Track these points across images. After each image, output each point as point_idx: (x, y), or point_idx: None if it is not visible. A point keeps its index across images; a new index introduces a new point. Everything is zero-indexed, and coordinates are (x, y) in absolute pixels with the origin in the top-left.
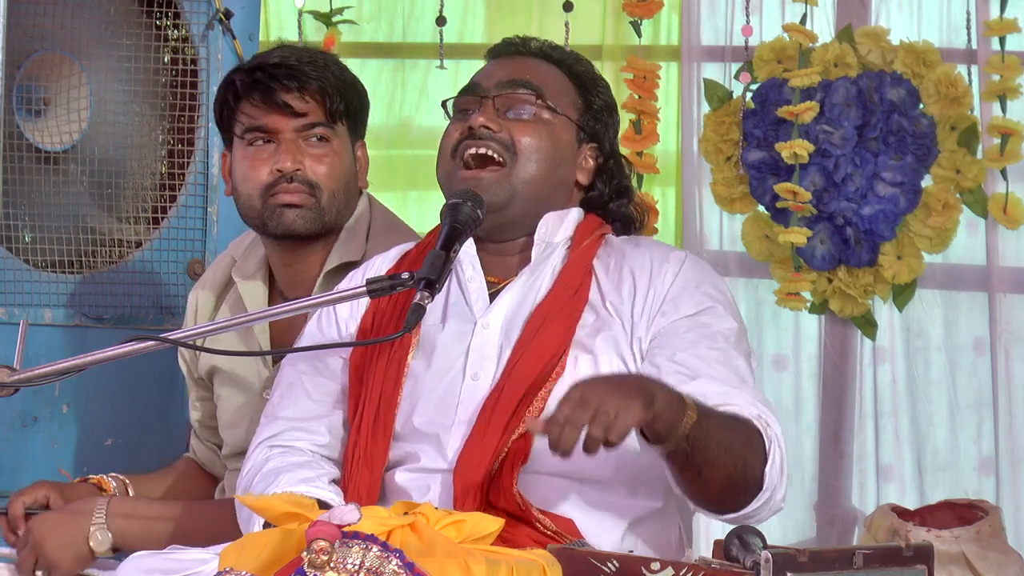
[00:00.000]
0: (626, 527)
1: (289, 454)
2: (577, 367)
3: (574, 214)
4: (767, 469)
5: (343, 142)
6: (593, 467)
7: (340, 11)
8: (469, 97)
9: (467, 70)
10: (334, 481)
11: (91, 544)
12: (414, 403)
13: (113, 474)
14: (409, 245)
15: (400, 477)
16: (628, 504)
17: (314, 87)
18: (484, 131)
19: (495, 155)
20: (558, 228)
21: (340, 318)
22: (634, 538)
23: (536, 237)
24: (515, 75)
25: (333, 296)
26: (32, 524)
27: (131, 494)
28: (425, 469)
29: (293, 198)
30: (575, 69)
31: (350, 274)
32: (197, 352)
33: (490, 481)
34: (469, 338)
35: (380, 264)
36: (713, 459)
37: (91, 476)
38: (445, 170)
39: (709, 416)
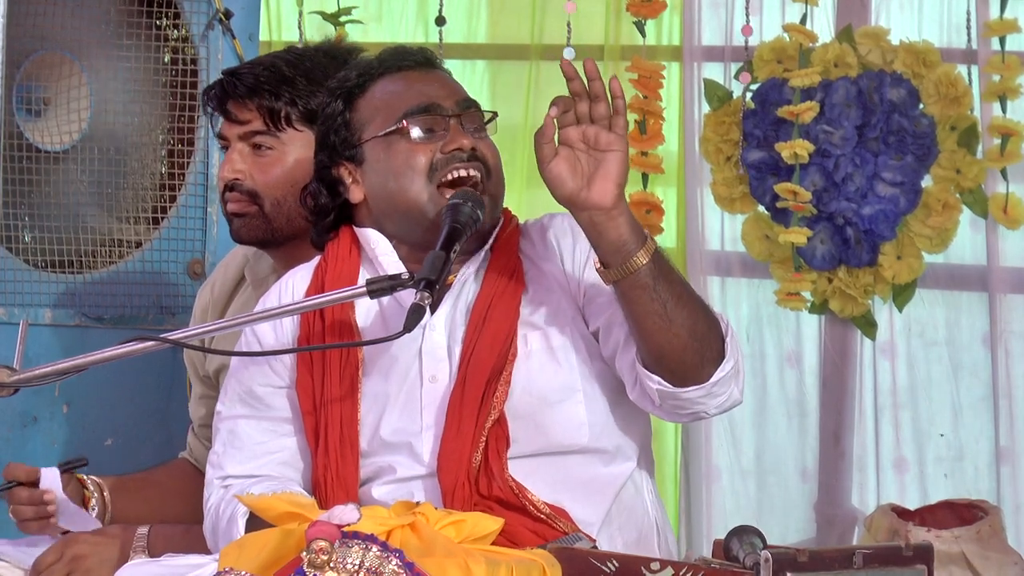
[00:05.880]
0: (611, 501)
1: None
2: (529, 345)
3: None
4: (727, 340)
5: (299, 147)
6: (569, 437)
7: (348, 11)
8: (436, 117)
9: (471, 71)
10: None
11: None
12: (377, 417)
13: (93, 477)
14: (312, 265)
15: (378, 491)
16: (608, 474)
17: (253, 95)
18: (472, 153)
19: (480, 175)
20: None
21: (266, 345)
22: (618, 510)
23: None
24: (461, 93)
25: (332, 297)
26: (68, 540)
27: (106, 497)
28: (403, 478)
29: (235, 207)
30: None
31: (262, 298)
32: None
33: (477, 473)
34: (419, 343)
35: (296, 285)
36: (678, 294)
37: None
38: (419, 192)
39: (663, 252)
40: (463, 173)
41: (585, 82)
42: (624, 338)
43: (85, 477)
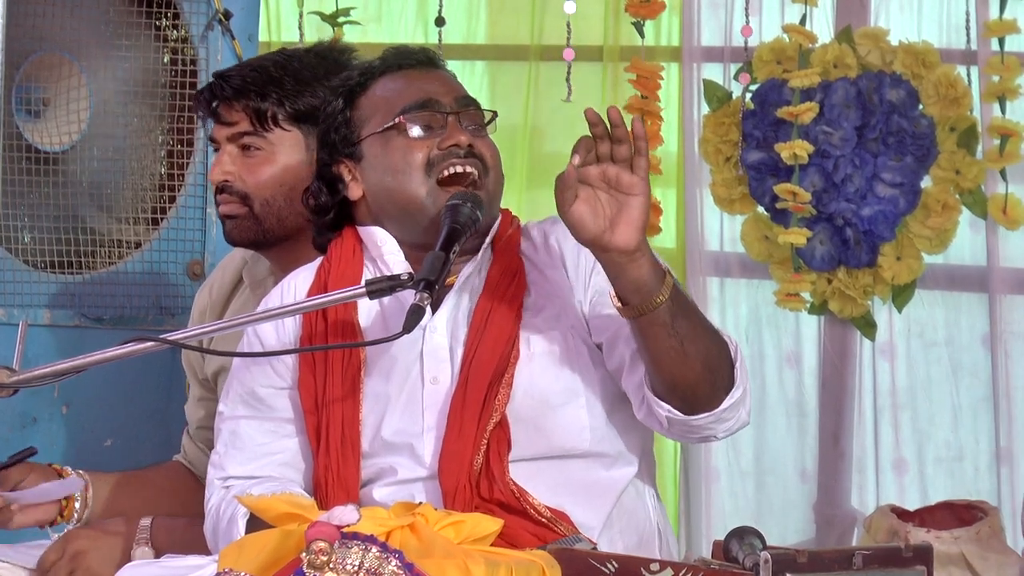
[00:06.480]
0: (613, 503)
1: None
2: (531, 347)
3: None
4: (737, 366)
5: (288, 147)
6: (571, 441)
7: (346, 12)
8: (434, 114)
9: (470, 71)
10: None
11: (134, 559)
12: (379, 417)
13: (79, 471)
14: (315, 266)
15: (379, 493)
16: (609, 478)
17: (240, 97)
18: (469, 148)
19: (477, 172)
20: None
21: (268, 346)
22: (619, 514)
23: (487, 240)
24: (460, 91)
25: (332, 297)
26: (68, 536)
27: (88, 496)
28: (404, 480)
29: (226, 209)
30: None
31: (264, 299)
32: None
33: (478, 476)
34: (420, 344)
35: (298, 285)
36: (694, 328)
37: (68, 465)
38: (417, 188)
39: (679, 286)
40: (460, 169)
41: (608, 126)
42: (630, 357)
43: (71, 472)
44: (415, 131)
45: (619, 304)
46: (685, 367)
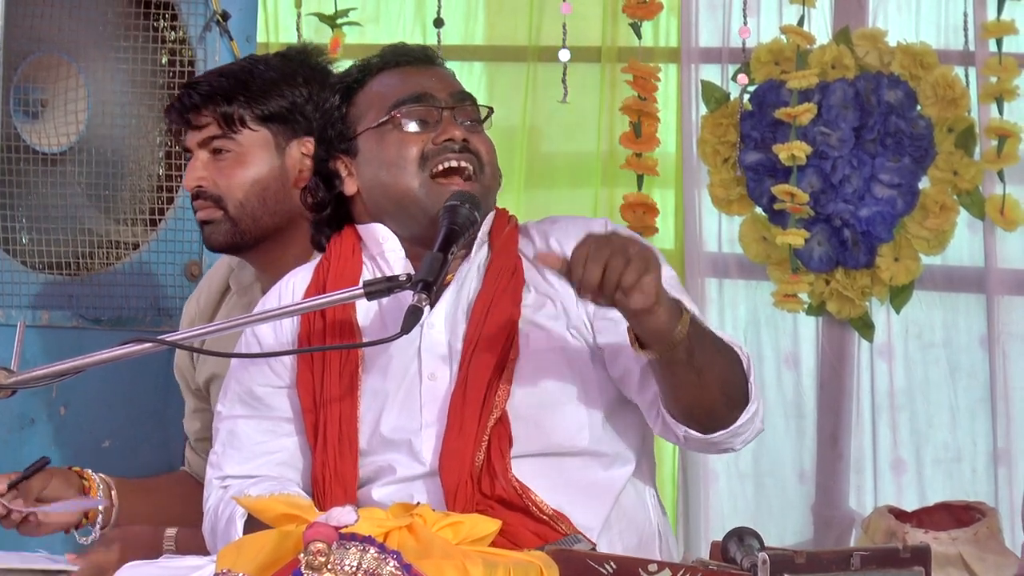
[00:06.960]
0: (611, 504)
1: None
2: (531, 344)
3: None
4: (751, 380)
5: (258, 147)
6: (570, 439)
7: (344, 13)
8: (429, 108)
9: (468, 72)
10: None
11: None
12: (377, 414)
13: (102, 475)
14: (313, 265)
15: (378, 493)
16: (607, 478)
17: (207, 101)
18: (464, 143)
19: (472, 167)
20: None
21: (266, 345)
22: (618, 515)
23: (479, 236)
24: (456, 86)
25: (330, 299)
26: (96, 558)
27: (113, 496)
28: (404, 478)
29: (203, 215)
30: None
31: (263, 298)
32: (194, 362)
33: (480, 473)
34: (418, 341)
35: (296, 285)
36: (711, 357)
37: (75, 466)
38: (411, 181)
39: (695, 317)
40: (454, 164)
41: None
42: (640, 375)
43: (92, 475)
44: (410, 126)
45: (637, 347)
46: (703, 396)
